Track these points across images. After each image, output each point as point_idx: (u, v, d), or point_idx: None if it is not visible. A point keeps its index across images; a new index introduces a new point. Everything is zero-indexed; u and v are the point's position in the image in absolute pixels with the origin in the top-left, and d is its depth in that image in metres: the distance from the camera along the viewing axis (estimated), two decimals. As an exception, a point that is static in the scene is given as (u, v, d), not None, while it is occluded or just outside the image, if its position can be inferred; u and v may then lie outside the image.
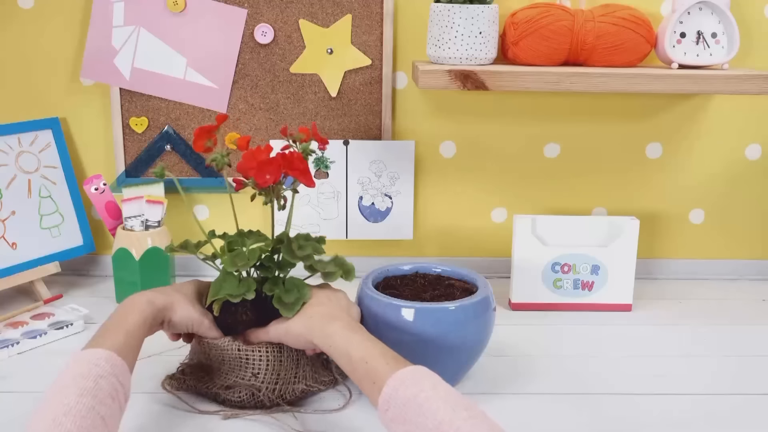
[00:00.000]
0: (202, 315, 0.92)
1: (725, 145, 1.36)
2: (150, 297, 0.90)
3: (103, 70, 1.28)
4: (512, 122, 1.34)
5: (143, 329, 0.85)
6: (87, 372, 0.73)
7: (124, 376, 0.77)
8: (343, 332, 0.84)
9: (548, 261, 1.23)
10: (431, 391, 0.72)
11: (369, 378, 0.78)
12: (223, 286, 0.90)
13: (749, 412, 0.94)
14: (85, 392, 0.70)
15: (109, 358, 0.76)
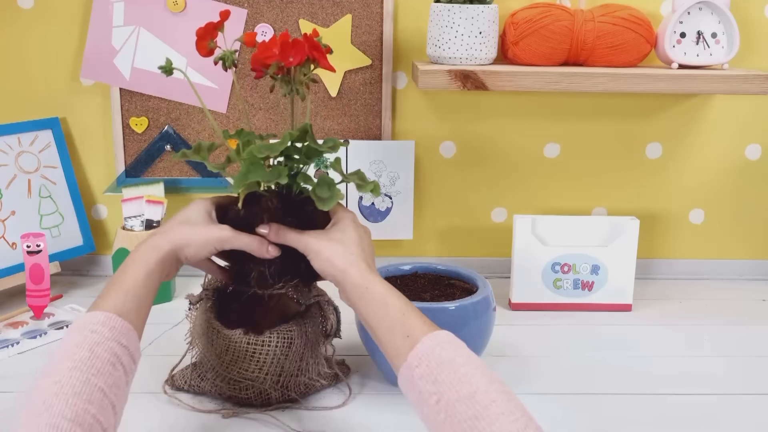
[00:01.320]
0: (220, 231, 0.84)
1: (725, 145, 1.36)
2: (154, 243, 0.82)
3: (103, 70, 1.28)
4: (512, 122, 1.34)
5: (149, 281, 0.79)
6: (82, 340, 0.69)
7: (128, 338, 0.72)
8: (383, 282, 0.80)
9: (548, 261, 1.23)
10: (468, 357, 0.70)
11: (403, 330, 0.74)
12: (249, 175, 0.83)
13: (750, 412, 0.94)
14: (80, 364, 0.66)
15: (107, 321, 0.71)
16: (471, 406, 0.65)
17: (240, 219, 0.86)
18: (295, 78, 0.88)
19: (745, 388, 0.99)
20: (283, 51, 0.84)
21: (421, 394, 0.69)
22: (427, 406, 0.68)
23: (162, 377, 0.98)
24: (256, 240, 0.85)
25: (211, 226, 0.85)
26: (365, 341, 0.97)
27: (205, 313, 0.94)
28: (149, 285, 0.79)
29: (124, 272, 0.79)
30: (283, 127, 1.32)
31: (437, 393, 0.67)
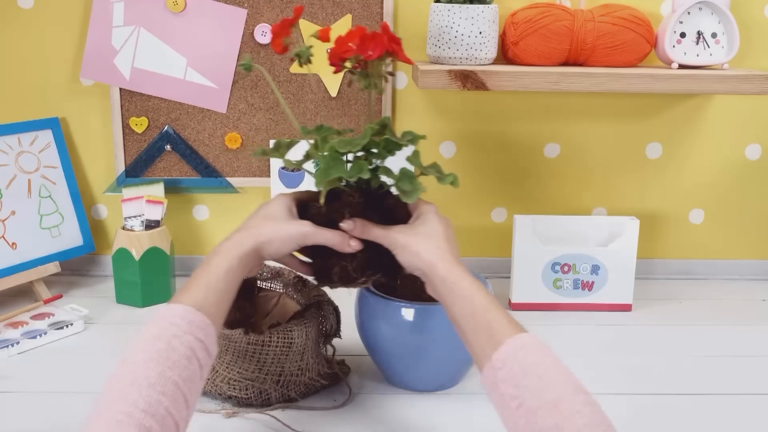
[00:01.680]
0: (302, 227, 0.83)
1: (725, 145, 1.36)
2: (237, 239, 0.82)
3: (103, 70, 1.28)
4: (512, 122, 1.34)
5: (230, 277, 0.78)
6: (160, 333, 0.70)
7: (205, 333, 0.72)
8: (470, 277, 0.78)
9: (548, 261, 1.23)
10: (553, 364, 0.68)
11: (487, 329, 0.73)
12: (330, 172, 0.82)
13: (750, 412, 0.94)
14: (156, 356, 0.67)
15: (186, 314, 0.72)
16: (553, 414, 0.64)
17: (322, 215, 0.86)
18: (373, 71, 0.87)
19: (745, 388, 0.99)
20: (363, 45, 0.84)
21: (502, 396, 0.69)
22: (508, 409, 0.68)
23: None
24: (338, 235, 0.84)
25: (293, 221, 0.84)
26: (365, 341, 0.97)
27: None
28: (230, 280, 0.79)
29: (206, 267, 0.79)
30: (283, 126, 1.32)
31: (519, 397, 0.67)
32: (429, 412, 0.92)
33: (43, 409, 0.91)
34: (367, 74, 0.88)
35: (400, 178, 0.85)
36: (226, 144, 1.32)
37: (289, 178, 1.32)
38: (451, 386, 0.98)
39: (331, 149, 0.84)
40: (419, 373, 0.95)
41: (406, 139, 0.87)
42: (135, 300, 1.23)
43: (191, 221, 1.38)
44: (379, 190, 0.88)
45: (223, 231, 1.38)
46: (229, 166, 1.33)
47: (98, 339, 1.12)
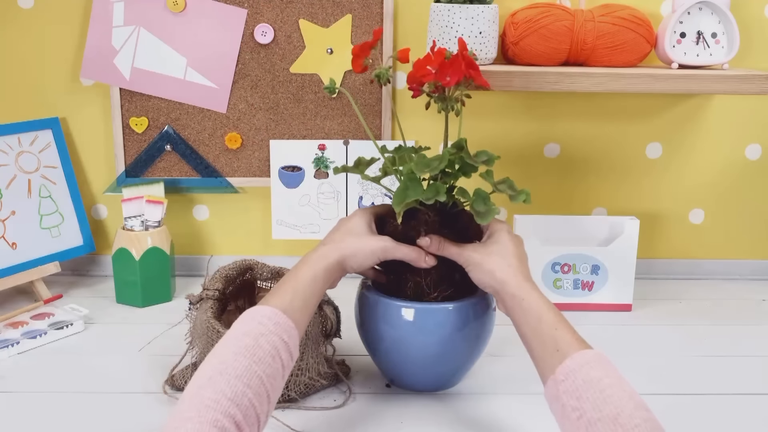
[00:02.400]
0: (382, 242, 0.88)
1: (725, 145, 1.36)
2: (323, 252, 0.87)
3: (103, 70, 1.28)
4: (512, 122, 1.34)
5: (315, 286, 0.83)
6: (249, 329, 0.74)
7: (289, 335, 0.76)
8: (538, 294, 0.82)
9: (548, 261, 1.23)
10: (616, 379, 0.70)
11: (553, 344, 0.76)
12: (408, 193, 0.86)
13: (749, 412, 0.94)
14: (244, 350, 0.70)
15: (273, 315, 0.76)
16: (612, 428, 0.65)
17: (398, 233, 0.90)
18: (451, 96, 0.90)
19: (745, 388, 0.99)
20: (441, 71, 0.86)
21: (564, 408, 0.71)
22: (568, 420, 0.70)
23: (162, 377, 0.98)
24: (415, 250, 0.89)
25: (374, 236, 0.89)
26: (365, 341, 0.97)
27: (206, 313, 0.94)
28: (315, 289, 0.84)
29: (295, 274, 0.84)
30: (283, 126, 1.32)
31: (579, 409, 0.69)
32: (429, 412, 0.92)
33: (43, 409, 0.91)
34: (444, 98, 0.90)
35: (475, 200, 0.88)
36: (226, 144, 1.32)
37: (289, 178, 1.32)
38: (451, 386, 0.98)
39: (410, 172, 0.87)
40: (419, 373, 0.95)
41: (481, 160, 0.90)
42: (135, 300, 1.23)
43: (191, 221, 1.38)
44: (453, 209, 0.92)
45: (223, 231, 1.38)
46: (229, 166, 1.34)
47: (98, 339, 1.12)
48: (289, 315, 0.77)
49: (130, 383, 0.98)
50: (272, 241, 1.37)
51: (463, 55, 0.87)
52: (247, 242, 1.39)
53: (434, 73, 0.87)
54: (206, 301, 0.97)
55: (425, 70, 0.87)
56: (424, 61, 0.88)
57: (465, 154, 0.89)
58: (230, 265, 1.04)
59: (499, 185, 0.91)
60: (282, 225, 1.34)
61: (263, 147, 1.32)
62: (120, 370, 1.02)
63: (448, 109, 0.91)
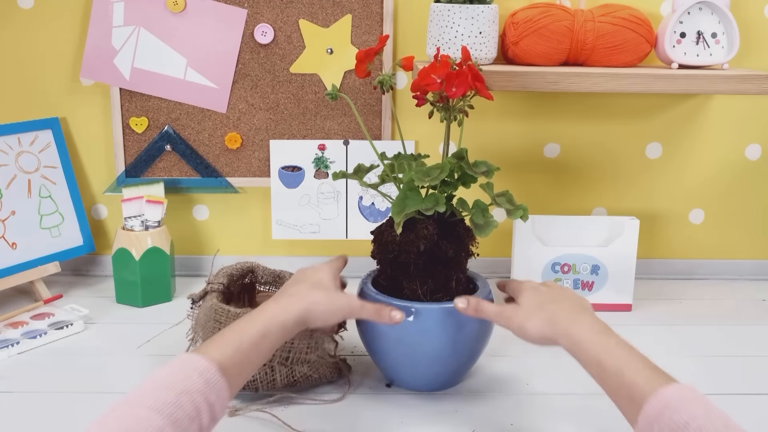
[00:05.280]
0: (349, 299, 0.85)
1: (725, 145, 1.36)
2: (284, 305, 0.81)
3: (103, 70, 1.28)
4: (512, 122, 1.34)
5: (263, 344, 0.77)
6: (174, 382, 0.67)
7: (218, 396, 0.69)
8: (592, 336, 0.76)
9: (548, 261, 1.23)
10: (704, 419, 0.63)
11: (625, 392, 0.70)
12: (407, 203, 0.85)
13: (749, 412, 0.94)
14: (162, 407, 0.64)
15: (205, 371, 0.69)
16: None
17: (395, 243, 0.90)
18: (455, 106, 0.90)
19: (745, 388, 0.99)
20: (448, 82, 0.86)
21: None
22: None
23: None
24: (378, 309, 0.87)
25: (341, 293, 0.87)
26: (365, 341, 0.97)
27: (211, 301, 0.95)
28: (263, 347, 0.77)
29: (246, 325, 0.78)
30: (283, 126, 1.32)
31: None
32: (429, 412, 0.92)
33: (43, 409, 0.91)
34: (448, 108, 0.90)
35: (474, 212, 0.89)
36: (226, 144, 1.32)
37: (289, 178, 1.32)
38: (451, 386, 0.98)
39: (409, 181, 0.87)
40: (419, 373, 0.95)
41: (481, 171, 0.90)
42: (135, 300, 1.23)
43: (191, 221, 1.38)
44: (450, 218, 0.92)
45: (223, 231, 1.38)
46: (229, 166, 1.34)
47: (98, 339, 1.12)
48: (225, 372, 0.70)
49: (130, 383, 0.98)
50: (272, 241, 1.37)
51: (469, 67, 0.87)
52: (247, 242, 1.39)
53: (439, 83, 0.87)
54: (211, 294, 0.98)
55: (430, 79, 0.87)
56: (429, 70, 0.88)
57: (465, 165, 0.90)
58: (233, 266, 1.05)
59: (498, 198, 0.91)
60: (282, 225, 1.34)
61: (263, 147, 1.32)
62: (120, 370, 1.02)
63: (451, 119, 0.91)
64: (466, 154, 0.90)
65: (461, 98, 0.90)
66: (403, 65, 0.91)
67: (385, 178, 0.94)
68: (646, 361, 0.73)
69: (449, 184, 0.91)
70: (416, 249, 0.89)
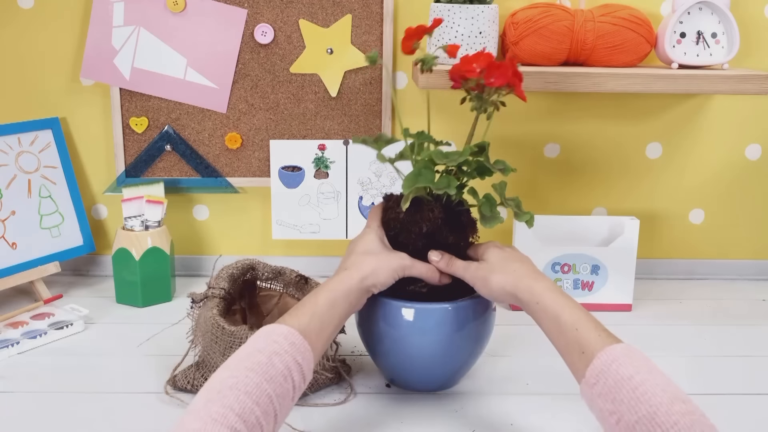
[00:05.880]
0: (401, 259, 0.88)
1: (725, 145, 1.36)
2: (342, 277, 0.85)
3: (103, 70, 1.28)
4: (512, 122, 1.34)
5: (333, 311, 0.82)
6: (263, 347, 0.73)
7: (303, 357, 0.75)
8: (552, 294, 0.81)
9: (548, 261, 1.23)
10: (648, 374, 0.69)
11: (577, 346, 0.75)
12: (420, 179, 0.85)
13: (749, 412, 0.94)
14: (256, 367, 0.70)
15: (289, 335, 0.75)
16: (652, 428, 0.64)
17: (398, 221, 0.90)
18: (488, 97, 0.90)
19: (745, 388, 0.99)
20: (488, 72, 0.86)
21: (601, 411, 0.70)
22: (608, 424, 0.69)
23: (162, 377, 0.98)
24: (431, 269, 0.90)
25: (391, 254, 0.89)
26: (365, 341, 0.97)
27: (211, 310, 0.94)
28: (334, 314, 0.82)
29: (314, 297, 0.83)
30: (283, 126, 1.32)
31: (617, 413, 0.68)
32: (429, 412, 0.92)
33: (43, 409, 0.91)
34: (481, 98, 0.90)
35: (483, 203, 0.88)
36: (226, 144, 1.32)
37: (289, 178, 1.32)
38: (451, 386, 0.98)
39: (428, 157, 0.87)
40: (419, 373, 0.95)
41: (498, 167, 0.90)
42: (135, 300, 1.23)
43: (191, 221, 1.38)
44: (457, 207, 0.91)
45: (223, 231, 1.39)
46: (229, 166, 1.34)
47: (98, 339, 1.12)
48: (306, 337, 0.76)
49: (130, 383, 0.98)
50: (272, 241, 1.37)
51: (511, 62, 0.88)
52: (247, 242, 1.39)
53: (479, 72, 0.87)
54: (211, 299, 0.97)
55: (470, 67, 0.87)
56: (471, 58, 0.88)
57: (485, 157, 0.90)
58: (233, 264, 1.04)
59: (509, 200, 0.91)
60: (282, 225, 1.34)
61: (263, 147, 1.33)
62: (120, 370, 1.02)
63: (481, 109, 0.91)
64: (487, 148, 0.90)
65: (496, 91, 0.89)
66: (448, 51, 0.92)
67: (404, 153, 0.93)
68: (598, 323, 0.77)
69: (464, 172, 0.91)
70: (418, 230, 0.89)
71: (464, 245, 0.94)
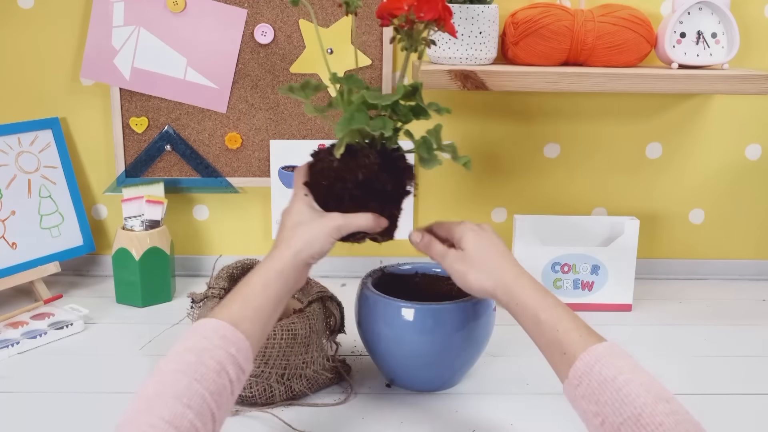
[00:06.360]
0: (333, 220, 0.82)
1: (725, 145, 1.36)
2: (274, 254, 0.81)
3: (103, 70, 1.28)
4: (512, 122, 1.34)
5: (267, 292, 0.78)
6: (192, 345, 0.69)
7: (238, 348, 0.71)
8: (531, 292, 0.79)
9: (548, 261, 1.23)
10: (631, 374, 0.67)
11: (558, 347, 0.74)
12: (353, 122, 0.80)
13: (749, 412, 0.94)
14: (185, 368, 0.66)
15: (219, 328, 0.71)
16: (637, 430, 0.64)
17: (332, 170, 0.84)
18: (417, 35, 0.87)
19: (745, 388, 0.99)
20: (418, 6, 0.84)
21: (585, 413, 0.69)
22: (592, 425, 0.69)
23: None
24: (368, 217, 0.84)
25: (321, 218, 0.83)
26: (365, 341, 0.97)
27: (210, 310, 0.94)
28: (268, 295, 0.78)
29: (244, 283, 0.79)
30: (283, 126, 1.32)
31: (601, 414, 0.67)
32: (429, 412, 0.92)
33: (43, 409, 0.91)
34: (411, 35, 0.87)
35: (420, 145, 0.85)
36: (226, 144, 1.32)
37: (289, 178, 1.32)
38: (451, 386, 0.98)
39: (361, 99, 0.83)
40: (419, 373, 0.95)
41: (433, 108, 0.87)
42: (135, 300, 1.23)
43: (191, 221, 1.38)
44: (395, 152, 0.87)
45: (223, 231, 1.38)
46: (229, 166, 1.34)
47: (98, 339, 1.12)
48: (239, 326, 0.72)
49: (130, 383, 0.98)
50: (272, 241, 1.37)
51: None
52: (247, 242, 1.39)
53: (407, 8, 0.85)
54: (211, 299, 0.97)
55: (399, 4, 0.84)
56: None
57: (418, 97, 0.86)
58: (233, 265, 1.05)
59: (445, 146, 0.87)
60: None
61: (263, 147, 1.33)
62: (120, 370, 1.02)
63: (412, 48, 0.87)
64: (420, 87, 0.87)
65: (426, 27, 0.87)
66: None
67: (334, 102, 0.88)
68: (580, 321, 0.76)
69: (399, 114, 0.86)
70: (354, 178, 0.83)
71: (403, 192, 0.89)
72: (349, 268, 1.35)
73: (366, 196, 0.85)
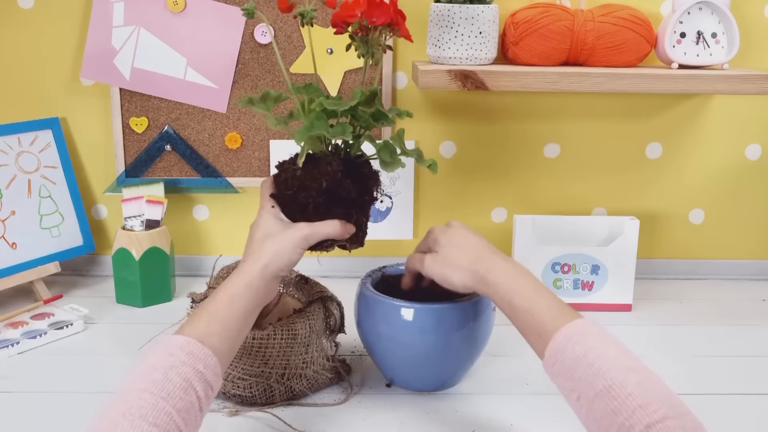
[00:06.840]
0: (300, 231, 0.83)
1: (725, 145, 1.36)
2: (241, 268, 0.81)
3: (103, 70, 1.28)
4: (512, 122, 1.34)
5: (234, 307, 0.78)
6: (158, 362, 0.69)
7: (206, 364, 0.71)
8: (505, 280, 0.82)
9: (548, 261, 1.23)
10: (601, 350, 0.70)
11: (534, 330, 0.77)
12: (313, 129, 0.81)
13: (749, 412, 0.94)
14: (151, 386, 0.66)
15: (186, 345, 0.71)
16: (608, 401, 0.66)
17: (296, 179, 0.85)
18: (373, 40, 0.87)
19: (745, 388, 0.99)
20: (369, 11, 0.85)
21: (563, 389, 0.73)
22: (570, 400, 0.72)
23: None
24: (334, 224, 0.85)
25: (289, 229, 0.83)
26: (365, 341, 0.97)
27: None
28: (235, 309, 0.78)
29: (213, 297, 0.79)
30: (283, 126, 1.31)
31: (576, 390, 0.70)
32: (429, 412, 0.92)
33: (43, 409, 0.91)
34: (366, 41, 0.88)
35: (381, 148, 0.85)
36: (226, 144, 1.32)
37: (289, 178, 1.32)
38: (451, 386, 0.98)
39: (320, 106, 0.84)
40: (419, 373, 0.95)
41: (393, 113, 0.88)
42: (135, 300, 1.23)
43: (191, 221, 1.38)
44: (358, 158, 0.88)
45: (223, 231, 1.39)
46: (229, 166, 1.34)
47: (98, 339, 1.12)
48: (206, 342, 0.72)
49: (130, 383, 0.98)
50: (272, 241, 1.37)
51: (393, 1, 0.86)
52: (247, 242, 1.39)
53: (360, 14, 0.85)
54: None
55: (351, 11, 0.85)
56: (353, 4, 0.85)
57: (377, 102, 0.86)
58: (233, 264, 1.04)
59: (410, 151, 0.87)
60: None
61: (263, 147, 1.33)
62: (120, 370, 1.02)
63: (369, 53, 0.88)
64: (379, 93, 0.87)
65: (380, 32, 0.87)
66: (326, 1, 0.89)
67: (296, 112, 0.88)
68: (553, 301, 0.78)
69: (360, 120, 0.86)
70: (318, 185, 0.83)
71: (368, 199, 0.89)
72: (348, 268, 1.35)
73: (331, 204, 0.85)
